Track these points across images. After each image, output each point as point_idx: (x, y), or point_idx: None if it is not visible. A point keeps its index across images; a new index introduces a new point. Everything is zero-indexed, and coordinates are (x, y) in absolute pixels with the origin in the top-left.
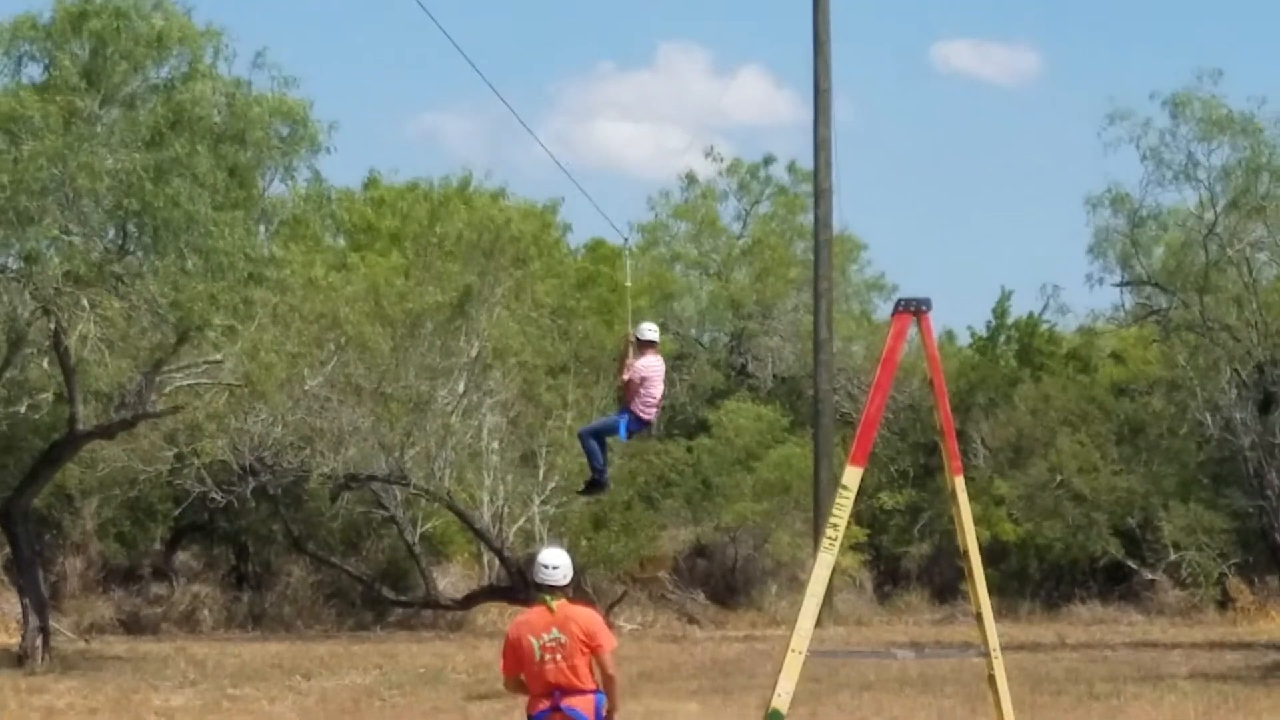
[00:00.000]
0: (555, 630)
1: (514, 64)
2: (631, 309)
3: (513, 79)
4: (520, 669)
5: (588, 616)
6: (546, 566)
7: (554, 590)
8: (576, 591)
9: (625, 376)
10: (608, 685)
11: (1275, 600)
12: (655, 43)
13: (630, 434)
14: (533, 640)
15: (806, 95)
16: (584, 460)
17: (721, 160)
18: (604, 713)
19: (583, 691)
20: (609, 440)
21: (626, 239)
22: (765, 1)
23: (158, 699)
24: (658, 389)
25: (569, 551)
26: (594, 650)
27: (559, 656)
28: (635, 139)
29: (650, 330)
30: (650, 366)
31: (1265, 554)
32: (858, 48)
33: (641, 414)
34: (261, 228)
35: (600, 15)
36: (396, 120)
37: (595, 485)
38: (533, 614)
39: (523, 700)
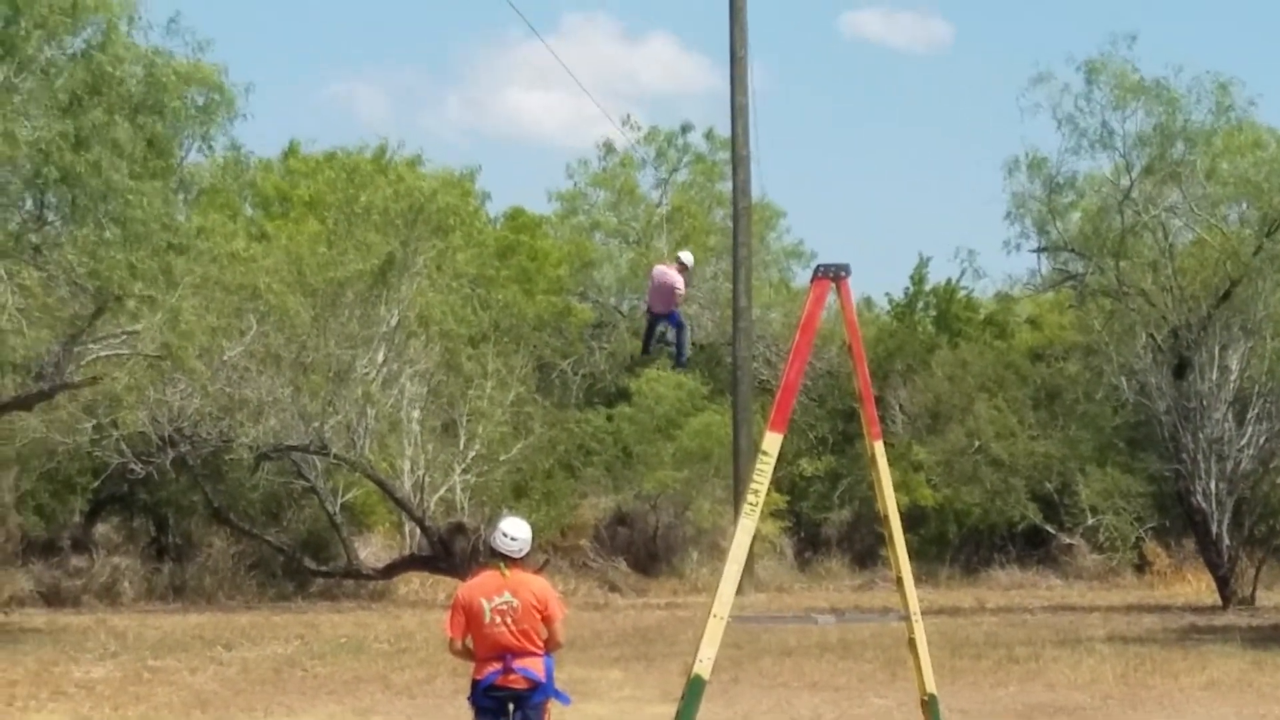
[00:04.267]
0: (508, 594)
1: (420, 32)
2: (553, 277)
3: (420, 47)
4: (468, 632)
5: (540, 583)
6: (507, 536)
7: (509, 561)
8: None
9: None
10: (553, 652)
11: (1191, 563)
12: (560, 13)
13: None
14: (484, 603)
15: (716, 61)
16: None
17: (639, 129)
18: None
19: (534, 654)
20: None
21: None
22: None
23: (78, 671)
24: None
25: (525, 522)
26: (546, 618)
27: (510, 620)
28: (548, 107)
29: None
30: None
31: (1181, 517)
32: (768, 15)
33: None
34: (180, 197)
35: None
36: (305, 89)
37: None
38: (485, 577)
39: (462, 667)
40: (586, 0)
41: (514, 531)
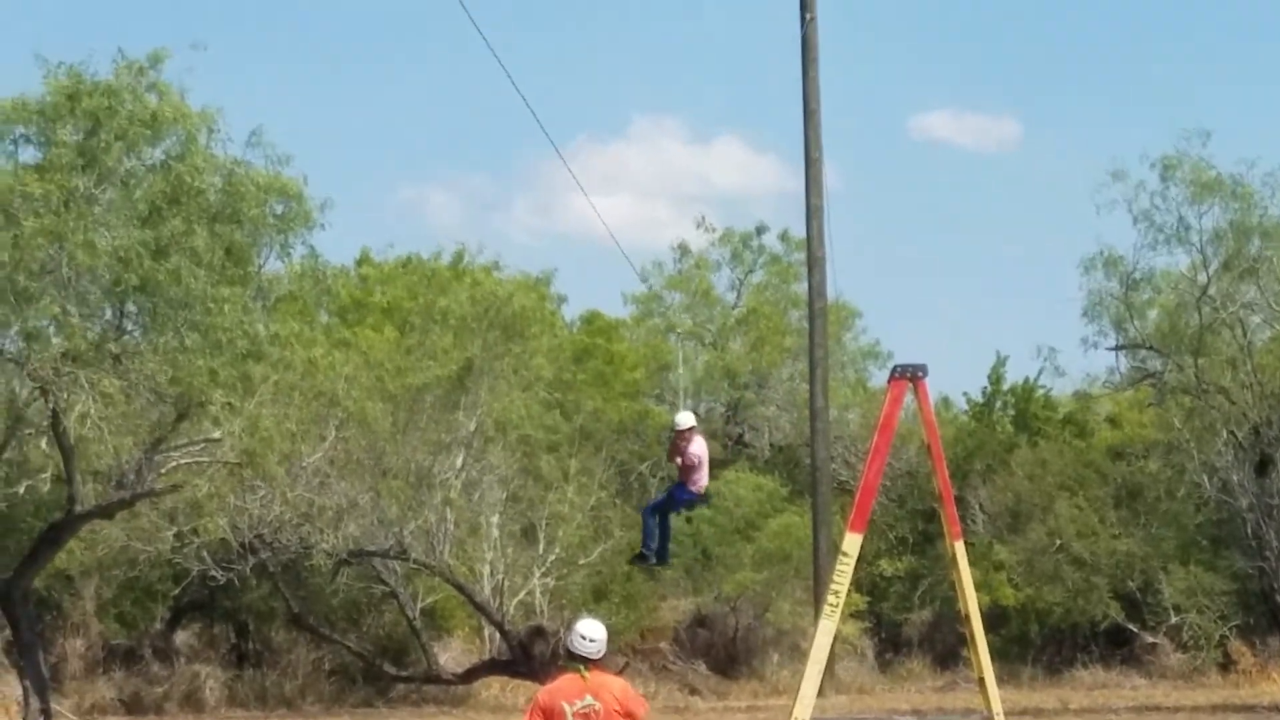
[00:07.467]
0: (589, 697)
1: (487, 139)
2: (630, 380)
3: (488, 155)
4: None
5: (621, 685)
6: (584, 638)
7: (588, 662)
8: None
9: (677, 461)
10: None
11: (1276, 661)
12: (628, 115)
13: (683, 504)
14: (566, 706)
15: (786, 160)
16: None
17: (713, 230)
18: None
19: None
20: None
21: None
22: (737, 71)
23: None
24: (702, 470)
25: (601, 624)
26: (629, 718)
27: None
28: (617, 211)
29: (684, 419)
30: (694, 454)
31: (1266, 615)
32: (838, 116)
33: (691, 488)
34: (259, 304)
35: (571, 91)
36: (377, 193)
37: (641, 558)
38: (564, 681)
39: None
40: (654, 103)
41: (590, 633)
